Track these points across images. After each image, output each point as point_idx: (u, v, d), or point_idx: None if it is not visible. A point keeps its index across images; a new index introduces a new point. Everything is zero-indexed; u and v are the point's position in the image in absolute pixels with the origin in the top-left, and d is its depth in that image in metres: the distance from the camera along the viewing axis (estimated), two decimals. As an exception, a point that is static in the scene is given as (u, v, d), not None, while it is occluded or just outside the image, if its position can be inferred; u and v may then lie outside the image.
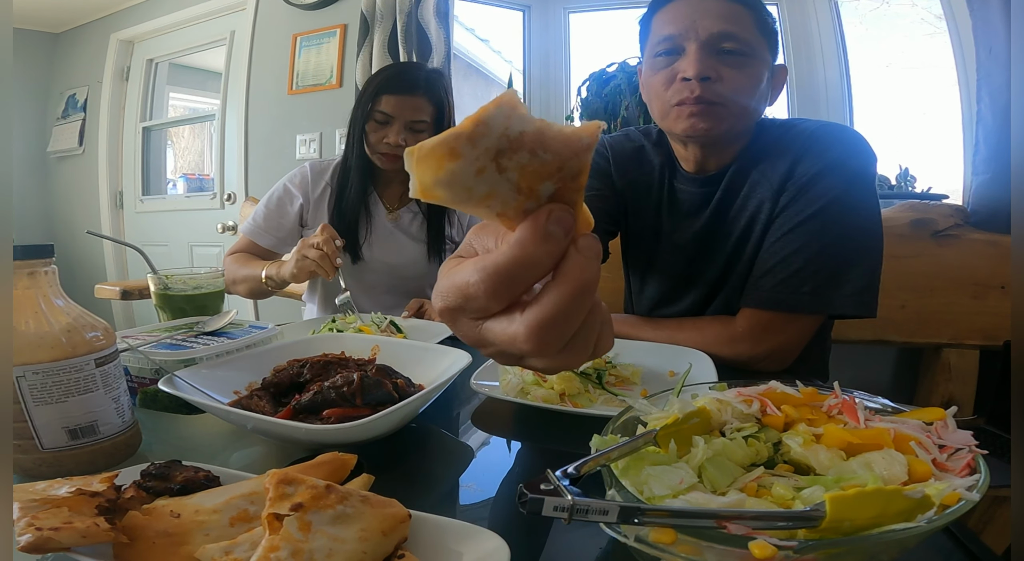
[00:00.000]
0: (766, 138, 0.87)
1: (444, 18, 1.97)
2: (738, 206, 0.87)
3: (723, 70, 0.80)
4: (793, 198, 0.82)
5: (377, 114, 1.15)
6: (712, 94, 0.81)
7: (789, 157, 0.83)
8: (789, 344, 0.83)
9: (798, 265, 0.80)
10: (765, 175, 0.85)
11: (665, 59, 0.84)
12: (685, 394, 0.48)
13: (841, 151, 0.82)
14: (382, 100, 1.14)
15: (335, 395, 0.53)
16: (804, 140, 0.84)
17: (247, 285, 1.17)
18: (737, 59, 0.80)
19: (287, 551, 0.29)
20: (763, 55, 0.82)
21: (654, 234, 0.99)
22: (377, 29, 2.06)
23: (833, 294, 0.79)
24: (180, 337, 0.70)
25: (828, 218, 0.79)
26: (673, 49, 0.83)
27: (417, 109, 1.15)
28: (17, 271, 0.46)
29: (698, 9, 0.81)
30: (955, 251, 1.36)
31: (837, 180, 0.80)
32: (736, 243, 0.87)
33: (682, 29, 0.81)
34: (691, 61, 0.80)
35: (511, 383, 0.66)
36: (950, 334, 1.37)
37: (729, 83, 0.80)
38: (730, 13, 0.80)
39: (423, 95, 1.16)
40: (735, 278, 0.88)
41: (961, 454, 0.37)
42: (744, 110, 0.83)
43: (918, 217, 1.38)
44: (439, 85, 1.19)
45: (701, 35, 0.80)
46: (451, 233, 1.30)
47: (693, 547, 0.29)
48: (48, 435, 0.45)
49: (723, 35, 0.79)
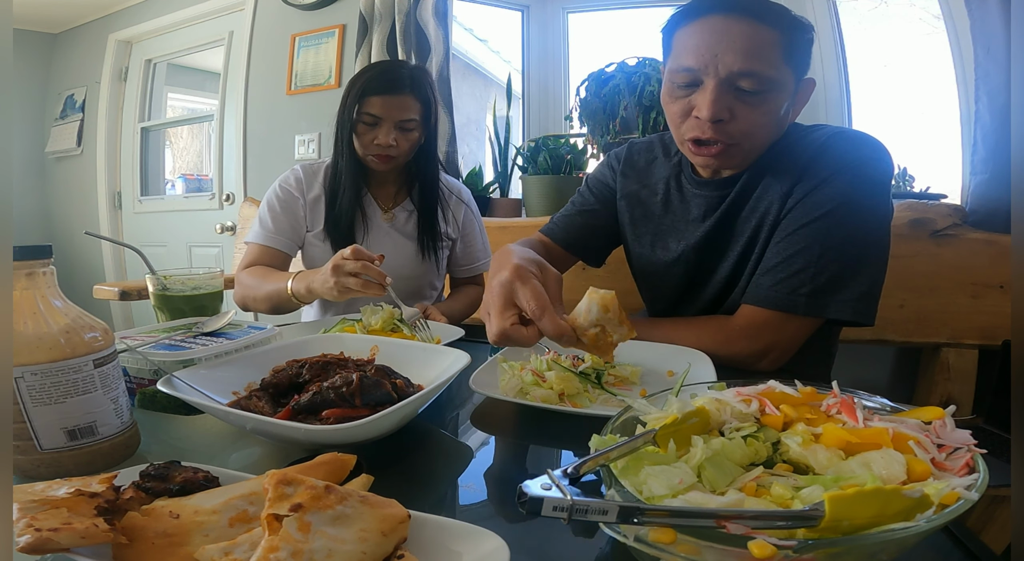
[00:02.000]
0: (784, 142, 0.87)
1: (443, 18, 1.97)
2: (749, 208, 0.87)
3: (738, 108, 0.78)
4: (802, 199, 0.81)
5: (365, 116, 1.13)
6: (724, 136, 0.80)
7: (803, 161, 0.83)
8: (784, 344, 0.82)
9: (799, 266, 0.79)
10: (777, 178, 0.84)
11: (683, 90, 0.82)
12: (684, 394, 0.48)
13: (855, 156, 0.80)
14: (368, 101, 1.13)
15: (334, 395, 0.52)
16: (821, 144, 0.83)
17: (270, 303, 1.10)
18: (755, 97, 0.78)
19: (286, 552, 0.29)
20: (786, 86, 0.79)
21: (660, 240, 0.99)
22: (376, 29, 2.06)
23: (830, 299, 0.78)
24: (179, 338, 0.70)
25: (834, 221, 0.78)
26: (692, 82, 0.80)
27: (405, 108, 1.14)
28: (16, 272, 0.46)
29: (723, 39, 0.76)
30: (953, 251, 1.36)
31: (849, 184, 0.79)
32: (745, 245, 0.87)
33: (703, 64, 0.77)
34: (706, 101, 0.78)
35: (510, 383, 0.66)
36: (949, 333, 1.37)
37: (743, 122, 0.79)
38: (754, 46, 0.75)
39: (410, 93, 1.14)
40: (744, 280, 0.88)
41: (960, 453, 0.37)
42: (760, 144, 0.83)
43: (917, 217, 1.38)
44: (424, 82, 1.18)
45: (721, 72, 0.76)
46: (446, 230, 1.30)
47: (692, 547, 0.29)
48: (47, 436, 0.45)
49: (742, 73, 0.76)
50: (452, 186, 1.33)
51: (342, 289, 0.91)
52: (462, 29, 2.79)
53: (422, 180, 1.26)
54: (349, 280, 0.90)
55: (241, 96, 2.57)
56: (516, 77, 2.28)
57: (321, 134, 2.37)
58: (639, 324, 0.94)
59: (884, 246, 0.82)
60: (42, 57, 3.32)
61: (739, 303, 0.86)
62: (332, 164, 1.23)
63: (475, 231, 1.35)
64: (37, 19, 3.17)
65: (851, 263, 0.79)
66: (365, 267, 0.90)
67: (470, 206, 1.34)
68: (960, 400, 1.36)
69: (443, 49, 1.96)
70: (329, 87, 2.32)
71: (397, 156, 1.17)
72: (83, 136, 3.17)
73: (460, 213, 1.32)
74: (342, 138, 1.18)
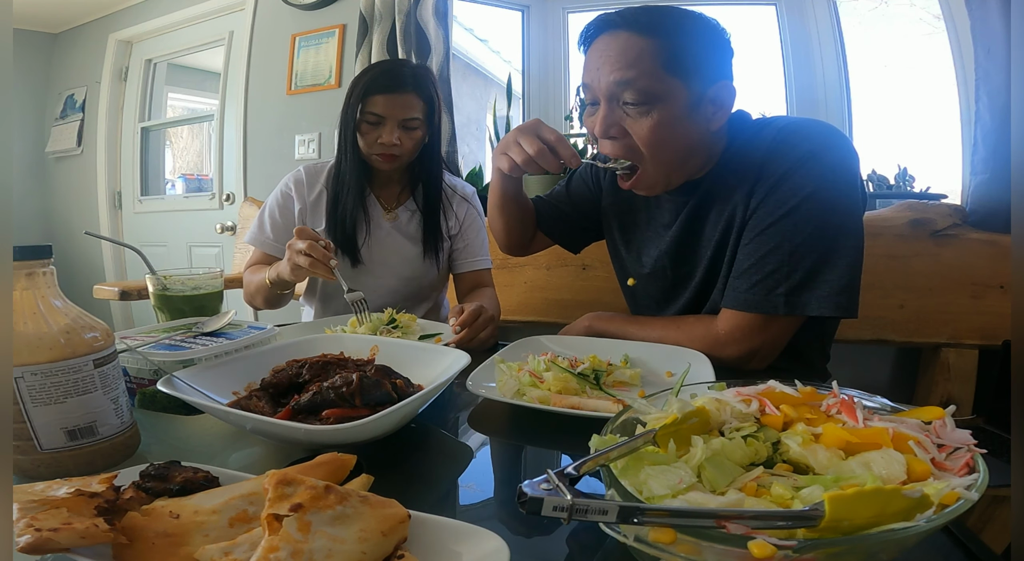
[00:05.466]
0: (740, 140, 0.86)
1: (443, 18, 1.97)
2: (716, 211, 0.86)
3: (629, 123, 0.79)
4: (764, 198, 0.80)
5: (369, 116, 1.13)
6: (622, 151, 0.81)
7: (757, 158, 0.81)
8: (771, 344, 0.82)
9: (772, 267, 0.79)
10: (738, 178, 0.83)
11: (591, 109, 0.84)
12: (684, 394, 0.48)
13: (812, 146, 0.79)
14: (371, 101, 1.12)
15: (334, 395, 0.53)
16: (772, 139, 0.82)
17: (262, 295, 1.15)
18: (639, 109, 0.78)
19: (286, 552, 0.29)
20: (672, 94, 0.77)
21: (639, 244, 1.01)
22: (376, 29, 2.06)
23: (809, 295, 0.78)
24: (179, 338, 0.70)
25: (800, 217, 0.77)
26: (593, 100, 0.82)
27: (408, 107, 1.14)
28: (16, 272, 0.46)
29: (602, 54, 0.78)
30: (954, 251, 1.36)
31: (808, 177, 0.77)
32: (716, 248, 0.87)
33: (592, 79, 0.80)
34: (598, 119, 0.80)
35: (507, 384, 0.66)
36: (949, 333, 1.37)
37: (636, 136, 0.80)
38: (627, 57, 0.76)
39: (413, 92, 1.14)
40: (720, 282, 0.87)
41: (960, 453, 0.37)
42: (666, 161, 0.82)
43: (917, 217, 1.38)
44: (427, 80, 1.18)
45: (603, 87, 0.78)
46: (448, 230, 1.30)
47: (692, 547, 0.29)
48: (47, 436, 0.45)
49: (620, 83, 0.77)
50: (457, 186, 1.33)
51: (294, 267, 0.97)
52: (462, 29, 2.79)
53: (426, 180, 1.26)
54: (300, 258, 0.95)
55: (241, 96, 2.57)
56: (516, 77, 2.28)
57: (321, 134, 2.37)
58: (628, 324, 0.94)
59: (856, 235, 0.80)
60: (42, 57, 3.32)
61: (718, 302, 0.86)
62: (336, 164, 1.24)
63: (478, 226, 1.33)
64: (37, 19, 3.17)
65: (824, 257, 0.78)
66: (311, 247, 0.94)
67: (473, 203, 1.34)
68: (960, 400, 1.36)
69: (443, 49, 1.96)
70: (329, 87, 2.32)
71: (401, 155, 1.17)
72: (83, 136, 3.17)
73: (463, 211, 1.31)
74: (346, 138, 1.18)
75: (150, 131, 3.12)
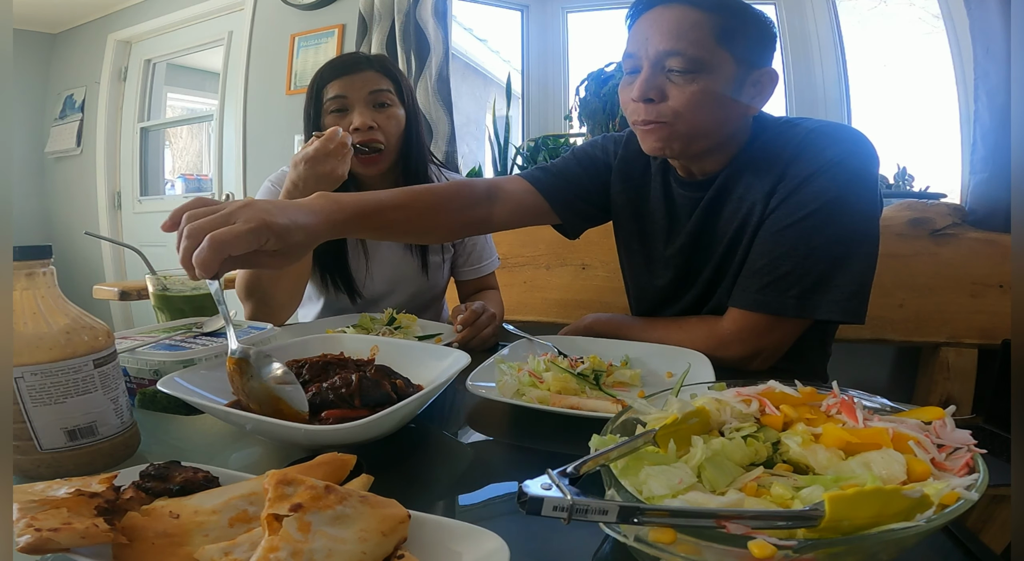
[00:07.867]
0: (764, 138, 0.86)
1: (442, 18, 1.97)
2: (731, 208, 0.86)
3: (669, 88, 0.79)
4: (785, 198, 0.80)
5: (329, 103, 1.04)
6: (655, 115, 0.80)
7: (784, 158, 0.82)
8: (775, 345, 0.82)
9: (786, 269, 0.79)
10: (759, 176, 0.83)
11: (628, 78, 0.84)
12: (684, 394, 0.48)
13: (839, 151, 0.79)
14: (329, 87, 1.04)
15: (334, 396, 0.53)
16: (800, 140, 0.82)
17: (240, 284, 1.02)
18: (684, 77, 0.78)
19: (286, 552, 0.29)
20: (720, 67, 0.78)
21: (651, 237, 0.99)
22: (375, 29, 2.06)
23: (820, 299, 0.78)
24: (179, 338, 0.70)
25: (820, 220, 0.77)
26: (634, 68, 0.82)
27: (370, 81, 1.05)
28: (16, 272, 0.46)
29: (653, 23, 0.79)
30: (953, 250, 1.36)
31: (833, 181, 0.78)
32: (728, 245, 0.87)
33: (637, 48, 0.81)
34: (638, 82, 0.80)
35: (507, 384, 0.66)
36: (948, 333, 1.37)
37: (674, 101, 0.79)
38: (681, 27, 0.77)
39: (369, 69, 1.06)
40: (728, 280, 0.87)
41: (960, 453, 0.37)
42: (697, 126, 0.81)
43: (916, 216, 1.38)
44: (386, 61, 1.11)
45: (651, 54, 0.79)
46: None
47: (692, 547, 0.29)
48: (47, 436, 0.45)
49: (668, 53, 0.77)
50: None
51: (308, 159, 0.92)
52: (462, 29, 2.79)
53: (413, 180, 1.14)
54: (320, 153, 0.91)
55: (241, 96, 2.57)
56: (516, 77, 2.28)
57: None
58: (629, 325, 0.94)
59: (872, 242, 0.80)
60: (42, 57, 3.32)
61: (723, 303, 0.86)
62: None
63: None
64: (37, 19, 3.17)
65: (838, 262, 0.78)
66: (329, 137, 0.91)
67: None
68: (960, 400, 1.36)
69: (443, 49, 1.96)
70: (329, 87, 2.32)
71: (385, 145, 1.06)
72: (83, 136, 3.17)
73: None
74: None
75: (149, 131, 3.12)
